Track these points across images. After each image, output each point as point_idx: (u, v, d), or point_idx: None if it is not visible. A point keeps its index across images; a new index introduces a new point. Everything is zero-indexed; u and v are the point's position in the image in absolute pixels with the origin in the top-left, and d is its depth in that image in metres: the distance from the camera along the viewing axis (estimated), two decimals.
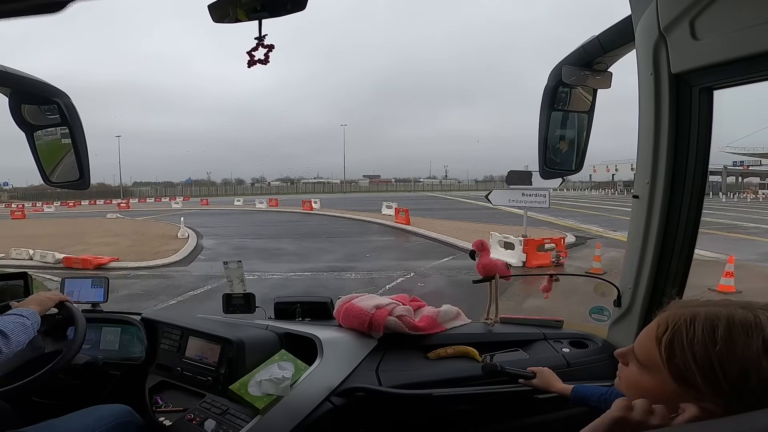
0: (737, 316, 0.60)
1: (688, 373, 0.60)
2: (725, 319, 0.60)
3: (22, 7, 0.70)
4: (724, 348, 0.58)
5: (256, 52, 1.06)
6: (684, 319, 0.63)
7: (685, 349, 0.61)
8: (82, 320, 1.54)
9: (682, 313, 0.64)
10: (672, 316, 0.65)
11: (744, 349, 0.57)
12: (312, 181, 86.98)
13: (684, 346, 0.61)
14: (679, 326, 0.63)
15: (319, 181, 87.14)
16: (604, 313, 1.62)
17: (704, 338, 0.60)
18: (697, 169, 1.19)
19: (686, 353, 0.61)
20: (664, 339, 0.64)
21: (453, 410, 1.44)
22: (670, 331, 0.63)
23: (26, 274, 1.99)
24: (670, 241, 1.29)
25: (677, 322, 0.63)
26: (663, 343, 0.64)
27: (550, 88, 1.51)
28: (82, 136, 1.58)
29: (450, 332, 1.73)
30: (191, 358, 1.61)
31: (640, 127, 1.25)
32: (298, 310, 1.88)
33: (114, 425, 1.36)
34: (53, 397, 1.64)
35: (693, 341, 0.60)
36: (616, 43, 1.34)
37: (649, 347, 0.66)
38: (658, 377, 0.65)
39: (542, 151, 1.55)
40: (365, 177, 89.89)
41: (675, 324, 0.63)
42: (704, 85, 1.11)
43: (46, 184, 1.65)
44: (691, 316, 0.63)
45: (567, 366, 1.51)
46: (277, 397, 1.34)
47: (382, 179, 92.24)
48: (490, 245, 1.83)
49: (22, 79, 1.46)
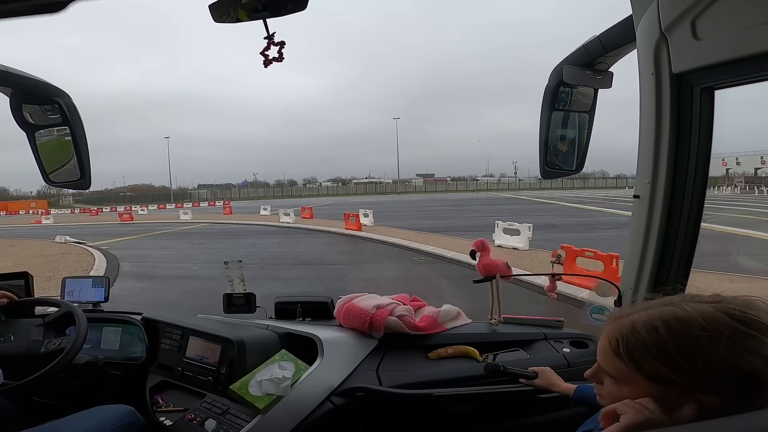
0: (667, 313, 0.66)
1: (662, 375, 0.64)
2: (658, 318, 0.66)
3: (22, 7, 0.71)
4: (674, 344, 0.63)
5: (269, 51, 1.06)
6: (627, 329, 0.68)
7: (645, 355, 0.65)
8: (83, 320, 1.54)
9: (622, 324, 0.69)
10: (616, 330, 0.70)
11: (692, 340, 0.63)
12: (363, 181, 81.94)
13: (641, 352, 0.66)
14: (627, 337, 0.67)
15: (371, 181, 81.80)
16: (604, 313, 1.61)
17: (653, 340, 0.65)
18: (698, 169, 1.19)
19: (648, 358, 0.65)
20: (622, 351, 0.68)
21: (454, 410, 1.44)
22: (622, 343, 0.68)
23: (27, 273, 1.99)
24: (671, 241, 1.28)
25: (622, 333, 0.68)
26: (623, 355, 0.68)
27: (551, 88, 1.51)
28: (83, 136, 1.58)
29: (450, 332, 1.73)
30: (192, 357, 1.61)
31: (641, 127, 1.25)
32: (298, 310, 1.88)
33: (118, 426, 1.36)
34: (54, 397, 1.64)
35: (646, 346, 0.65)
36: (617, 42, 1.34)
37: (614, 363, 0.70)
38: (637, 386, 0.67)
39: (543, 151, 1.55)
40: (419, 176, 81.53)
41: (622, 336, 0.68)
42: (705, 85, 1.11)
43: (47, 184, 1.65)
44: (630, 326, 0.68)
45: (567, 366, 1.51)
46: (278, 396, 1.34)
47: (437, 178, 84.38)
48: (490, 245, 1.83)
49: (23, 78, 1.46)
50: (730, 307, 0.64)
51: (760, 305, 0.65)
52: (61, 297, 1.95)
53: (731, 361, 0.61)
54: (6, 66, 1.40)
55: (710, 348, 0.62)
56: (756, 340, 0.62)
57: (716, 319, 0.63)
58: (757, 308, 0.65)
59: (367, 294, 1.82)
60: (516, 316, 1.83)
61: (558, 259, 1.75)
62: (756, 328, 0.62)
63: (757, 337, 0.62)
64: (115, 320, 1.86)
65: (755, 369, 0.61)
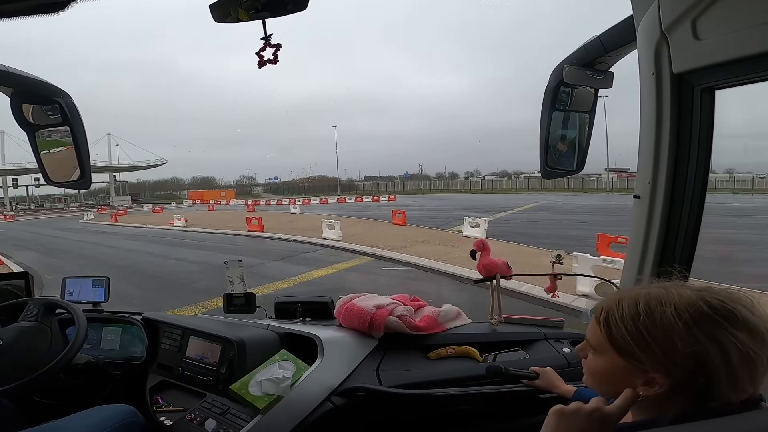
0: (653, 293, 0.69)
1: (627, 346, 0.68)
2: (644, 295, 0.69)
3: (23, 7, 0.71)
4: (646, 318, 0.66)
5: (264, 52, 1.07)
6: (613, 301, 0.72)
7: (618, 324, 0.69)
8: (82, 320, 1.54)
9: (612, 297, 0.74)
10: (606, 301, 0.74)
11: (661, 317, 0.65)
12: (535, 175, 62.61)
13: (617, 321, 0.69)
14: (609, 306, 0.72)
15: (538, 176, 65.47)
16: None
17: (630, 312, 0.68)
18: (699, 169, 1.19)
19: (620, 327, 0.69)
20: (601, 319, 0.72)
21: (453, 410, 1.44)
22: (603, 311, 0.72)
23: (27, 273, 1.99)
24: (671, 241, 1.28)
25: (608, 304, 0.73)
26: (601, 323, 0.72)
27: (552, 88, 1.51)
28: (84, 136, 1.58)
29: (450, 332, 1.73)
30: (192, 357, 1.61)
31: (641, 127, 1.25)
32: (298, 310, 1.88)
33: (119, 425, 1.36)
34: (54, 397, 1.65)
35: (622, 316, 0.69)
36: (618, 42, 1.34)
37: (594, 331, 0.74)
38: (607, 357, 0.71)
39: (543, 151, 1.55)
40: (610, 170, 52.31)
41: (607, 305, 0.72)
42: (706, 85, 1.11)
43: (48, 183, 1.65)
44: (618, 298, 0.72)
45: (568, 366, 1.51)
46: (278, 396, 1.34)
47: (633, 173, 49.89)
48: (489, 245, 1.83)
49: (24, 78, 1.46)
50: (712, 296, 0.66)
51: (742, 299, 0.66)
52: (60, 297, 1.95)
53: (691, 346, 0.62)
54: (6, 66, 1.40)
55: (675, 328, 0.64)
56: (724, 332, 0.62)
57: (692, 304, 0.65)
58: (738, 301, 0.65)
59: (367, 294, 1.82)
60: (516, 316, 1.83)
61: (558, 259, 1.75)
62: (729, 320, 0.63)
63: (726, 329, 0.62)
64: (115, 320, 1.86)
65: (712, 360, 0.62)
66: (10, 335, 1.45)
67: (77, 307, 1.61)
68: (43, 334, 1.51)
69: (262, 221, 16.27)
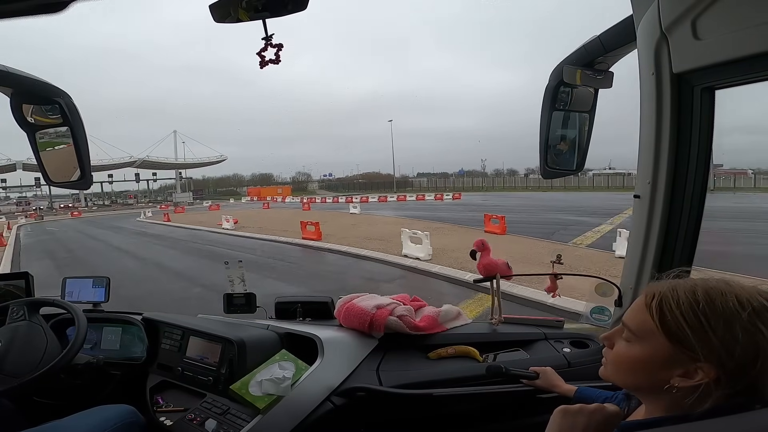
0: (709, 283, 0.68)
1: (681, 332, 0.65)
2: (701, 284, 0.68)
3: (22, 7, 0.71)
4: (705, 306, 0.64)
5: (265, 52, 1.07)
6: (667, 288, 0.70)
7: (674, 310, 0.66)
8: (82, 320, 1.54)
9: (663, 284, 0.71)
10: (655, 287, 0.72)
11: (723, 306, 0.64)
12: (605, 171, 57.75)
13: (672, 307, 0.67)
14: (664, 293, 0.69)
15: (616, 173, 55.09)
16: (605, 313, 1.61)
17: (688, 299, 0.66)
18: (699, 169, 1.19)
19: (675, 313, 0.66)
20: (653, 304, 0.69)
21: (454, 410, 1.44)
22: (657, 297, 0.69)
23: (27, 274, 1.99)
24: (672, 241, 1.28)
25: (661, 290, 0.70)
26: (653, 308, 0.69)
27: (552, 87, 1.51)
28: (84, 136, 1.58)
29: (451, 332, 1.73)
30: (192, 357, 1.61)
31: (641, 127, 1.25)
32: (298, 310, 1.88)
33: (119, 426, 1.36)
34: (54, 397, 1.64)
35: (679, 303, 0.66)
36: (618, 42, 1.34)
37: (640, 316, 0.71)
38: (651, 342, 0.69)
39: (543, 151, 1.55)
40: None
41: (660, 292, 0.70)
42: (706, 85, 1.11)
43: (48, 183, 1.65)
44: (672, 286, 0.70)
45: (568, 366, 1.51)
46: (278, 396, 1.34)
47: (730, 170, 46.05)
48: (490, 246, 1.83)
49: (24, 79, 1.46)
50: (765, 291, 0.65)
51: None
52: (61, 297, 1.95)
53: (754, 338, 0.61)
54: (6, 66, 1.40)
55: (738, 319, 0.62)
56: None
57: (753, 297, 0.64)
58: None
59: (368, 294, 1.82)
60: (516, 316, 1.83)
61: (558, 259, 1.75)
62: None
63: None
64: (115, 320, 1.86)
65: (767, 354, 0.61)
66: (5, 336, 1.45)
67: (77, 307, 1.61)
68: (36, 331, 1.50)
69: (319, 227, 13.04)
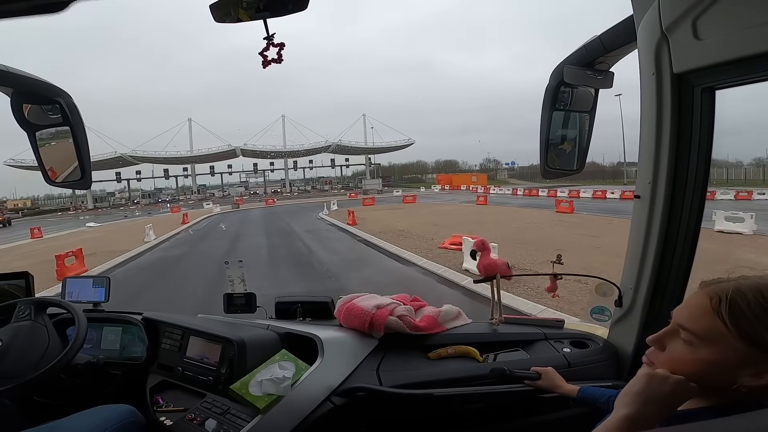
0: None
1: (756, 335, 0.65)
2: (763, 283, 0.67)
3: (22, 7, 0.71)
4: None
5: (267, 52, 1.07)
6: (732, 290, 0.69)
7: (746, 313, 0.66)
8: (83, 320, 1.54)
9: (726, 286, 0.70)
10: (719, 290, 0.70)
11: None
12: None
13: (744, 310, 0.66)
14: (731, 296, 0.68)
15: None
16: (605, 313, 1.61)
17: (758, 302, 0.66)
18: (699, 169, 1.19)
19: (748, 316, 0.66)
20: (722, 308, 0.68)
21: (454, 410, 1.44)
22: (725, 300, 0.68)
23: (27, 273, 1.99)
24: (672, 241, 1.28)
25: (727, 293, 0.69)
26: (724, 312, 0.68)
27: (552, 87, 1.51)
28: (84, 136, 1.58)
29: (451, 332, 1.73)
30: (192, 357, 1.61)
31: (642, 127, 1.25)
32: (298, 309, 1.88)
33: (119, 426, 1.36)
34: (54, 397, 1.64)
35: (750, 305, 0.66)
36: (618, 42, 1.34)
37: (708, 321, 0.70)
38: (721, 346, 0.68)
39: (544, 151, 1.55)
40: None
41: (726, 295, 0.69)
42: (706, 85, 1.11)
43: (48, 184, 1.65)
44: (736, 287, 0.69)
45: (568, 366, 1.51)
46: (278, 396, 1.34)
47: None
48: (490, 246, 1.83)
49: (24, 78, 1.45)
50: None
51: None
52: (61, 297, 1.95)
53: None
54: (6, 66, 1.40)
55: None
56: None
57: None
58: None
59: (368, 294, 1.82)
60: (516, 316, 1.83)
61: (558, 259, 1.75)
62: None
63: None
64: (115, 320, 1.86)
65: None
66: (8, 335, 1.45)
67: (77, 307, 1.61)
68: (40, 332, 1.51)
69: None
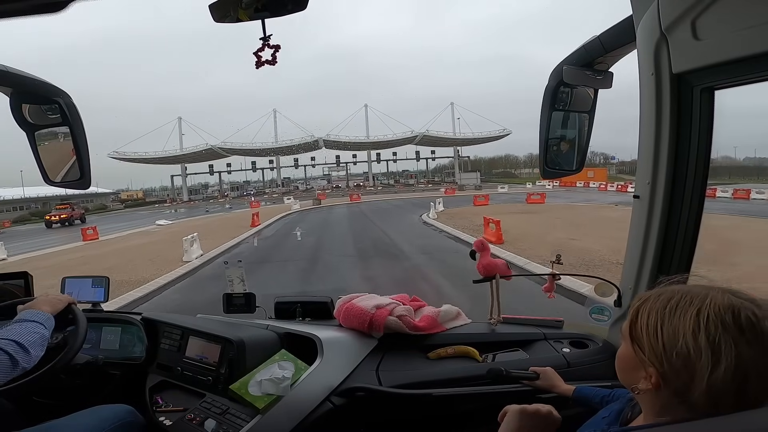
0: (693, 292, 0.67)
1: (640, 335, 0.68)
2: (684, 292, 0.67)
3: (22, 7, 0.71)
4: (667, 314, 0.66)
5: (262, 52, 1.07)
6: (656, 293, 0.71)
7: (642, 315, 0.69)
8: (83, 320, 1.54)
9: (656, 290, 0.72)
10: (648, 292, 0.73)
11: (681, 315, 0.65)
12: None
13: (643, 312, 0.69)
14: (648, 297, 0.71)
15: None
16: (604, 313, 1.61)
17: (658, 306, 0.68)
18: (698, 169, 1.19)
19: (642, 318, 0.69)
20: (632, 307, 0.72)
21: (453, 410, 1.44)
22: (639, 300, 0.72)
23: (27, 273, 1.98)
24: (671, 241, 1.28)
25: (650, 294, 0.71)
26: (631, 311, 0.72)
27: (551, 88, 1.50)
28: (83, 136, 1.58)
29: (450, 332, 1.73)
30: (191, 357, 1.61)
31: (641, 127, 1.25)
32: (298, 310, 1.88)
33: (118, 425, 1.36)
34: (54, 397, 1.64)
35: (651, 309, 0.68)
36: (617, 43, 1.34)
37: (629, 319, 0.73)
38: (625, 344, 0.72)
39: (543, 151, 1.55)
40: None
41: (648, 296, 0.71)
42: (706, 85, 1.11)
43: (48, 184, 1.65)
44: (661, 291, 0.71)
45: (567, 366, 1.51)
46: (278, 396, 1.34)
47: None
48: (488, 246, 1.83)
49: (23, 78, 1.45)
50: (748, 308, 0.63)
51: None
52: None
53: (687, 347, 0.62)
54: (6, 66, 1.40)
55: (685, 327, 0.63)
56: (729, 341, 0.60)
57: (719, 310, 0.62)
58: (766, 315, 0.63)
59: (367, 294, 1.82)
60: (516, 317, 1.83)
61: (558, 259, 1.75)
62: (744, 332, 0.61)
63: (733, 339, 0.60)
64: (114, 320, 1.86)
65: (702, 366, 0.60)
66: None
67: (77, 308, 1.61)
68: None
69: None
